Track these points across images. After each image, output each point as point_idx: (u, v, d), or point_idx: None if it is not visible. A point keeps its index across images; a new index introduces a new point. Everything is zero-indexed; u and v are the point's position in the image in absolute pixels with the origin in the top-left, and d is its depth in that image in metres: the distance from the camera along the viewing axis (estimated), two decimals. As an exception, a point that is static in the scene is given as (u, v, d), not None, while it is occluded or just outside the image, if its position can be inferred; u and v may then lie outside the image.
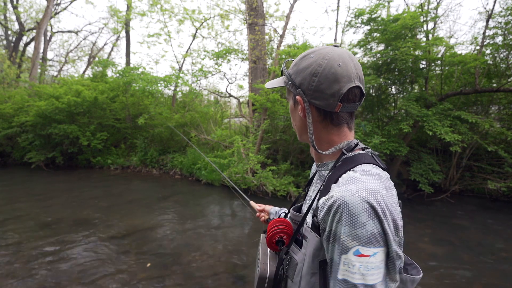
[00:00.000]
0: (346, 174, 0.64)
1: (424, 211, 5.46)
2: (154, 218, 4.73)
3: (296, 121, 0.79)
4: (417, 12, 6.19)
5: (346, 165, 0.67)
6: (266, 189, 6.16)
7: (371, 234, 0.54)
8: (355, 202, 0.55)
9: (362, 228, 0.54)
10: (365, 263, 0.54)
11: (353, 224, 0.55)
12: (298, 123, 0.78)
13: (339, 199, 0.57)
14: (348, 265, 0.55)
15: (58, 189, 6.68)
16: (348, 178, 0.61)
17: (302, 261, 0.67)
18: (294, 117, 0.80)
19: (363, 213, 0.55)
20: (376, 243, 0.55)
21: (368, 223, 0.54)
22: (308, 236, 0.67)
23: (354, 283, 0.54)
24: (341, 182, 0.62)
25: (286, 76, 0.77)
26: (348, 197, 0.56)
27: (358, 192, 0.57)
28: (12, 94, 10.78)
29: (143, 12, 12.80)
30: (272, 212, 1.23)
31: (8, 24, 16.98)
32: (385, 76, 6.61)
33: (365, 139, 5.55)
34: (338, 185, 0.61)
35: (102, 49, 20.37)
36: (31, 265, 3.07)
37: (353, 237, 0.55)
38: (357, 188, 0.57)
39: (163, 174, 8.72)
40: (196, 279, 2.90)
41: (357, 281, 0.54)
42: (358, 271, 0.54)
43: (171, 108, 10.62)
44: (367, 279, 0.54)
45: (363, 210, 0.55)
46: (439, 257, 3.52)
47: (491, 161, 6.64)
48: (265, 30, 8.77)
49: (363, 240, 0.54)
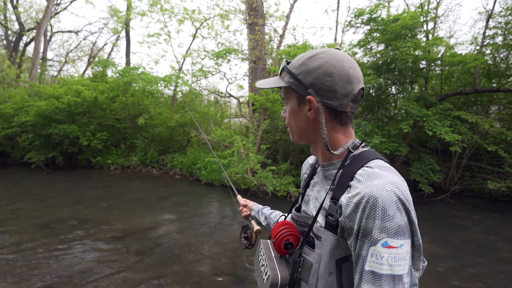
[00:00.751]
0: (362, 170, 0.65)
1: (424, 211, 5.46)
2: (154, 218, 4.73)
3: (299, 121, 0.77)
4: (417, 12, 6.20)
5: (357, 163, 0.68)
6: (266, 189, 6.16)
7: (399, 226, 0.57)
8: (384, 196, 0.57)
9: (391, 220, 0.56)
10: (393, 254, 0.56)
11: (383, 217, 0.57)
12: (302, 124, 0.76)
13: (367, 194, 0.59)
14: (375, 256, 0.57)
15: (58, 189, 6.68)
16: (367, 174, 0.63)
17: (317, 261, 0.67)
18: (296, 118, 0.77)
19: (392, 206, 0.57)
20: (403, 235, 0.57)
21: (396, 216, 0.57)
22: (322, 235, 0.68)
23: (381, 274, 0.56)
24: (362, 178, 0.63)
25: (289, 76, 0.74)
26: (377, 192, 0.58)
27: (385, 186, 0.59)
28: (12, 94, 10.78)
29: (143, 12, 12.82)
30: (254, 209, 1.23)
31: (8, 24, 16.99)
32: (385, 76, 6.61)
33: (365, 139, 5.54)
34: (360, 182, 0.62)
35: (102, 49, 20.39)
36: (31, 265, 3.07)
37: (382, 229, 0.56)
38: (382, 182, 0.59)
39: (163, 174, 8.72)
40: (196, 279, 2.90)
41: (385, 272, 0.56)
42: (386, 262, 0.56)
43: (171, 108, 10.62)
44: (394, 269, 0.56)
45: (392, 203, 0.57)
46: (439, 257, 3.52)
47: (491, 161, 6.63)
48: (265, 30, 8.77)
49: (392, 232, 0.56)
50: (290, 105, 0.78)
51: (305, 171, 0.97)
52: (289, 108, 0.78)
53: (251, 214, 1.22)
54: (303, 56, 0.74)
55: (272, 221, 1.14)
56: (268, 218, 1.16)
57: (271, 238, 0.86)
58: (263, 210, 1.21)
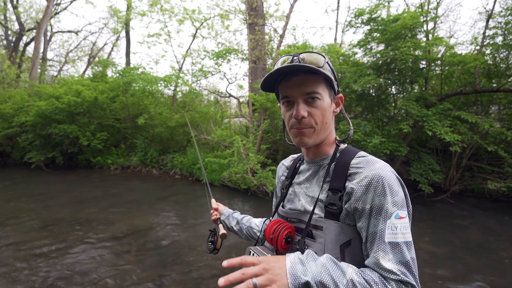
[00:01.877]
0: (356, 159, 0.73)
1: (424, 211, 5.46)
2: (154, 218, 4.73)
3: (329, 118, 0.77)
4: (417, 12, 6.19)
5: (347, 155, 0.76)
6: (266, 189, 6.16)
7: (403, 200, 0.67)
8: (388, 176, 0.67)
9: (397, 195, 0.66)
10: (403, 224, 0.65)
11: (391, 193, 0.65)
12: (330, 121, 0.78)
13: (375, 176, 0.66)
14: (391, 228, 0.64)
15: (58, 189, 6.68)
16: (366, 160, 0.71)
17: (321, 250, 0.70)
18: (328, 115, 0.76)
19: (396, 183, 0.67)
20: (405, 207, 0.67)
21: (399, 191, 0.67)
22: (323, 225, 0.71)
23: (398, 242, 0.64)
24: (362, 165, 0.70)
25: (330, 71, 0.75)
26: (382, 173, 0.67)
27: (385, 167, 0.69)
28: (12, 94, 10.79)
29: (143, 12, 12.81)
30: (224, 213, 1.22)
31: (8, 24, 16.98)
32: (385, 76, 6.61)
33: (365, 139, 5.55)
34: (363, 167, 0.70)
35: (102, 49, 20.39)
36: (31, 265, 3.07)
37: (393, 203, 0.65)
38: (382, 165, 0.69)
39: (163, 174, 8.72)
40: (196, 279, 2.90)
41: (400, 240, 0.64)
42: (400, 231, 0.64)
43: (171, 108, 10.62)
44: (406, 237, 0.64)
45: (395, 181, 0.67)
46: (439, 257, 3.52)
47: (491, 161, 6.63)
48: (265, 30, 8.77)
49: (399, 204, 0.65)
50: (324, 101, 0.74)
51: (281, 174, 1.00)
52: (323, 104, 0.74)
53: (220, 218, 1.21)
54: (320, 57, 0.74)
55: (244, 226, 1.13)
56: (240, 222, 1.15)
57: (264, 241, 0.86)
58: (233, 214, 1.20)
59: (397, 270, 0.62)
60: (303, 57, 0.72)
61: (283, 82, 0.75)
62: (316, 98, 0.72)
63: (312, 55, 0.73)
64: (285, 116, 0.78)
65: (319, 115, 0.73)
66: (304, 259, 0.62)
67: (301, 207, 0.80)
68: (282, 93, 0.76)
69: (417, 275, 0.64)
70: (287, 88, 0.74)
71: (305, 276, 0.59)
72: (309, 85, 0.72)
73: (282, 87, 0.76)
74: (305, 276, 0.59)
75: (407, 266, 0.63)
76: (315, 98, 0.72)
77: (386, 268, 0.63)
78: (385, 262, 0.63)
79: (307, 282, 0.58)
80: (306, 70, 0.71)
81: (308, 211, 0.77)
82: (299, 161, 0.92)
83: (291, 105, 0.76)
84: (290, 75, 0.74)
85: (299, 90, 0.72)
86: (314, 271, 0.59)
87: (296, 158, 0.96)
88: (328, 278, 0.59)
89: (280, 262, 0.60)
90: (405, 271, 0.62)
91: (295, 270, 0.59)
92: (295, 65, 0.70)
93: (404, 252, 0.63)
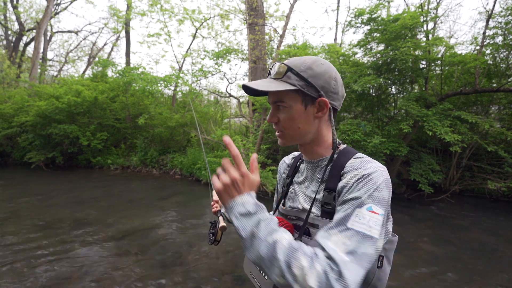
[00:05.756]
0: (352, 160, 0.74)
1: (424, 211, 5.46)
2: (154, 218, 4.73)
3: (302, 123, 0.78)
4: (417, 12, 6.19)
5: (344, 156, 0.77)
6: (266, 189, 6.16)
7: (383, 198, 0.66)
8: (377, 174, 0.68)
9: (380, 191, 0.66)
10: (374, 218, 0.64)
11: (373, 188, 0.66)
12: (305, 126, 0.78)
13: (365, 172, 0.68)
14: (359, 217, 0.64)
15: (58, 189, 6.67)
16: (360, 161, 0.73)
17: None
18: (300, 120, 0.77)
19: (383, 182, 0.67)
20: (383, 207, 0.66)
21: (384, 190, 0.67)
22: (319, 223, 0.74)
23: (358, 231, 0.62)
24: (357, 165, 0.72)
25: (298, 79, 0.75)
26: (371, 170, 0.69)
27: (378, 167, 0.70)
28: (12, 94, 10.79)
29: (143, 12, 12.81)
30: None
31: (8, 24, 16.98)
32: (385, 76, 6.60)
33: (365, 139, 5.54)
34: (356, 167, 0.71)
35: (102, 49, 20.40)
36: (31, 265, 3.07)
37: (370, 196, 0.65)
38: (376, 165, 0.71)
39: (163, 174, 8.72)
40: (196, 279, 2.90)
41: (362, 230, 0.62)
42: (366, 223, 0.63)
43: (171, 108, 10.62)
44: (371, 230, 0.62)
45: (383, 179, 0.68)
46: (439, 257, 3.52)
47: (491, 161, 6.63)
48: (265, 30, 8.77)
49: (377, 200, 0.65)
50: (291, 108, 0.77)
51: (283, 171, 1.02)
52: (289, 111, 0.77)
53: (220, 210, 1.22)
54: (303, 61, 0.76)
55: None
56: None
57: None
58: None
59: (337, 255, 0.58)
60: (274, 67, 0.80)
61: None
62: (282, 106, 0.78)
63: (278, 67, 0.78)
64: None
65: (286, 120, 0.78)
66: (260, 209, 0.66)
67: (300, 205, 0.84)
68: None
69: (357, 279, 0.57)
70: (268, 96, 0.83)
71: (249, 216, 0.64)
72: (273, 94, 0.79)
73: None
74: (250, 217, 0.64)
75: (353, 258, 0.58)
76: (280, 106, 0.78)
77: (329, 246, 0.60)
78: (332, 242, 0.61)
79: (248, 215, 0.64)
80: (259, 93, 0.80)
81: (306, 210, 0.80)
82: (300, 160, 0.94)
83: None
84: None
85: (270, 98, 0.81)
86: (255, 220, 0.63)
87: (297, 156, 0.98)
88: (259, 231, 0.62)
89: (247, 194, 0.67)
90: (347, 261, 0.58)
91: (246, 206, 0.65)
92: (250, 88, 0.76)
93: (359, 244, 0.60)
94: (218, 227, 1.08)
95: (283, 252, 0.59)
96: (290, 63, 0.76)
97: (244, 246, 0.63)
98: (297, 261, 0.57)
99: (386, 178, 0.69)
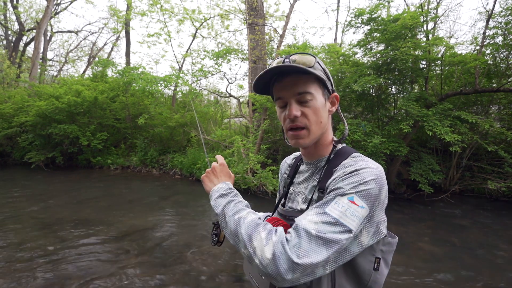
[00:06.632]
0: (347, 160, 0.74)
1: (424, 211, 5.46)
2: (154, 218, 4.73)
3: (323, 118, 0.77)
4: (417, 12, 6.19)
5: (341, 156, 0.77)
6: (266, 189, 6.16)
7: (369, 193, 0.64)
8: (368, 170, 0.67)
9: (365, 185, 0.65)
10: (352, 209, 0.62)
11: (359, 181, 0.65)
12: (325, 120, 0.78)
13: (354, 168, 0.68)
14: (338, 204, 0.63)
15: (58, 189, 6.67)
16: (354, 160, 0.72)
17: None
18: (323, 114, 0.76)
19: (371, 176, 0.66)
20: (368, 201, 0.64)
21: (371, 184, 0.65)
22: None
23: (333, 216, 0.61)
24: (347, 164, 0.71)
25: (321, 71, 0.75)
26: (361, 166, 0.68)
27: (370, 164, 0.69)
28: (12, 94, 10.79)
29: (143, 12, 12.80)
30: None
31: (8, 24, 16.98)
32: (385, 76, 6.60)
33: (365, 139, 5.54)
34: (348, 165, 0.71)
35: (102, 49, 20.39)
36: (31, 265, 3.07)
37: (353, 187, 0.64)
38: (369, 163, 0.70)
39: (163, 174, 8.72)
40: (196, 279, 2.90)
41: (336, 216, 0.61)
42: (343, 211, 0.62)
43: (171, 108, 10.61)
44: (345, 219, 0.61)
45: (372, 175, 0.66)
46: (439, 257, 3.52)
47: (491, 161, 6.63)
48: (265, 30, 8.77)
49: (362, 193, 0.64)
50: (317, 100, 0.75)
51: (284, 172, 1.02)
52: (315, 103, 0.74)
53: None
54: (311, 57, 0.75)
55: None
56: None
57: None
58: None
59: (303, 228, 0.61)
60: (294, 58, 0.74)
61: (276, 84, 0.77)
62: (308, 97, 0.74)
63: (303, 56, 0.75)
64: (280, 117, 0.80)
65: (312, 114, 0.75)
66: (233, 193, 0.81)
67: (298, 206, 0.84)
68: (276, 95, 0.78)
69: (315, 257, 0.57)
70: (280, 89, 0.76)
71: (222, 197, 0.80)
72: (301, 85, 0.73)
73: (276, 89, 0.78)
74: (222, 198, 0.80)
75: (318, 238, 0.59)
76: (307, 97, 0.74)
77: (301, 222, 0.63)
78: (305, 220, 0.63)
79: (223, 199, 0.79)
80: (296, 70, 0.73)
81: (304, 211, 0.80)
82: (300, 160, 0.94)
83: (285, 106, 0.77)
84: (282, 76, 0.75)
85: (291, 91, 0.74)
86: (226, 201, 0.77)
87: (298, 156, 0.98)
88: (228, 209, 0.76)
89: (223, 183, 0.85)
90: (311, 236, 0.59)
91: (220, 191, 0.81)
92: (285, 66, 0.71)
93: (329, 227, 0.60)
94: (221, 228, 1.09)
95: (246, 226, 0.67)
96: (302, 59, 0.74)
97: (220, 224, 0.76)
98: (257, 234, 0.63)
99: (377, 175, 0.66)
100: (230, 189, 0.78)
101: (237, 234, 0.67)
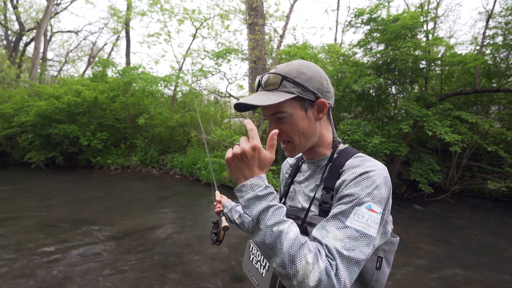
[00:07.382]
0: (352, 159, 0.74)
1: (424, 211, 5.46)
2: (154, 218, 4.73)
3: (305, 129, 0.77)
4: (417, 12, 6.19)
5: (344, 156, 0.77)
6: (266, 189, 6.15)
7: (382, 197, 0.66)
8: (376, 172, 0.67)
9: (378, 190, 0.65)
10: (372, 217, 0.63)
11: (372, 186, 0.65)
12: (308, 130, 0.78)
13: (363, 170, 0.68)
14: (358, 215, 0.63)
15: (58, 189, 6.67)
16: (360, 160, 0.72)
17: None
18: (303, 126, 0.76)
19: (381, 179, 0.67)
20: (382, 205, 0.66)
21: (383, 188, 0.66)
22: (317, 222, 0.73)
23: (357, 229, 0.62)
24: (356, 164, 0.71)
25: (293, 86, 0.74)
26: (370, 168, 0.68)
27: (377, 165, 0.69)
28: (12, 94, 10.78)
29: (143, 12, 12.80)
30: (227, 206, 1.26)
31: (8, 24, 16.98)
32: (385, 76, 6.60)
33: (365, 139, 5.54)
34: (355, 165, 0.71)
35: (102, 49, 20.38)
36: (31, 265, 3.07)
37: (369, 194, 0.65)
38: (375, 163, 0.70)
39: (163, 174, 8.72)
40: (196, 279, 2.90)
41: (361, 228, 0.62)
42: (365, 221, 0.63)
43: (171, 108, 10.62)
44: (369, 229, 0.62)
45: (381, 177, 0.67)
46: (439, 257, 3.52)
47: (491, 161, 6.63)
48: (265, 30, 8.76)
49: (376, 199, 0.65)
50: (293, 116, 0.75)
51: (285, 171, 1.03)
52: (291, 119, 0.75)
53: (223, 210, 1.24)
54: (292, 67, 0.76)
55: (246, 219, 1.15)
56: (243, 216, 1.18)
57: None
58: (236, 208, 1.23)
59: (336, 252, 0.59)
60: (266, 78, 0.76)
61: None
62: (283, 115, 0.75)
63: (272, 77, 0.75)
64: None
65: (290, 129, 0.76)
66: (270, 193, 0.64)
67: (300, 205, 0.84)
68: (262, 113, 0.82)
69: (353, 277, 0.58)
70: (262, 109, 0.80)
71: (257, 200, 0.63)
72: (272, 106, 0.75)
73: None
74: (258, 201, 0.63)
75: (350, 256, 0.59)
76: (282, 115, 0.75)
77: (329, 243, 0.60)
78: (331, 238, 0.61)
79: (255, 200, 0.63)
80: (251, 108, 0.77)
81: (305, 209, 0.80)
82: (301, 160, 0.94)
83: None
84: None
85: (267, 112, 0.78)
86: (264, 205, 0.62)
87: (300, 156, 0.98)
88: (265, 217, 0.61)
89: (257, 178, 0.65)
90: (345, 258, 0.59)
91: (256, 190, 0.63)
92: (240, 103, 0.75)
93: (357, 242, 0.61)
94: (221, 227, 1.09)
95: (288, 244, 0.58)
96: (281, 71, 0.75)
97: (250, 229, 0.64)
98: (302, 256, 0.57)
99: (385, 176, 0.68)
100: (267, 189, 0.65)
101: (274, 250, 0.60)
